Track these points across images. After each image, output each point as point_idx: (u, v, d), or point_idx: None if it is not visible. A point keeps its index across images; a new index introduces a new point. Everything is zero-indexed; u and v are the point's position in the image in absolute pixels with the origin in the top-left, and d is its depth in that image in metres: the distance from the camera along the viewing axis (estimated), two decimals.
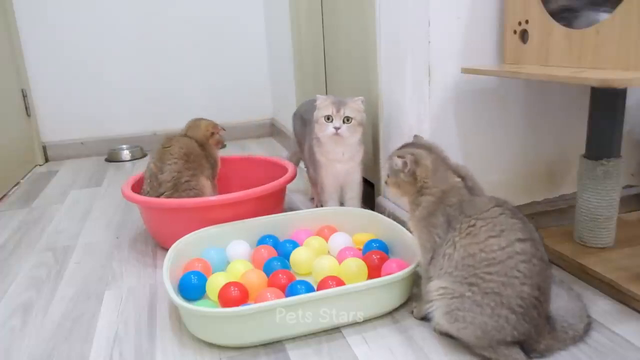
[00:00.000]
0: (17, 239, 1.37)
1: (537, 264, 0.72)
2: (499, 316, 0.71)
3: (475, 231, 0.75)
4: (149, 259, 1.19)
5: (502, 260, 0.72)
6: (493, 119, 1.09)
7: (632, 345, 0.77)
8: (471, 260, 0.74)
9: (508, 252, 0.72)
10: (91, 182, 1.91)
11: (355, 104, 1.17)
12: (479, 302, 0.72)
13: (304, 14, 2.04)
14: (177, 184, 1.22)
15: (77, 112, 2.31)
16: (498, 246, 0.72)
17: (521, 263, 0.71)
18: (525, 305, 0.71)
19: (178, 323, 0.91)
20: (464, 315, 0.74)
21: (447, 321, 0.76)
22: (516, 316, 0.71)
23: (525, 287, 0.71)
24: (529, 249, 0.72)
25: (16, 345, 0.87)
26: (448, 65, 1.03)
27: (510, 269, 0.71)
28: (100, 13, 2.24)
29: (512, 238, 0.72)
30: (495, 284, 0.71)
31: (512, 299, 0.71)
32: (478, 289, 0.72)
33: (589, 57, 0.83)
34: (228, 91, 2.48)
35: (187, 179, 1.23)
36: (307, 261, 1.03)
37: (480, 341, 0.74)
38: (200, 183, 1.26)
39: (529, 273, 0.71)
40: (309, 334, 0.85)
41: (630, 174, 1.22)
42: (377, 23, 1.21)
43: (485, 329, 0.72)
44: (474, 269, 0.73)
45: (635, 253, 0.98)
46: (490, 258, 0.72)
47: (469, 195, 0.80)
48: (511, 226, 0.73)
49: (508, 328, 0.71)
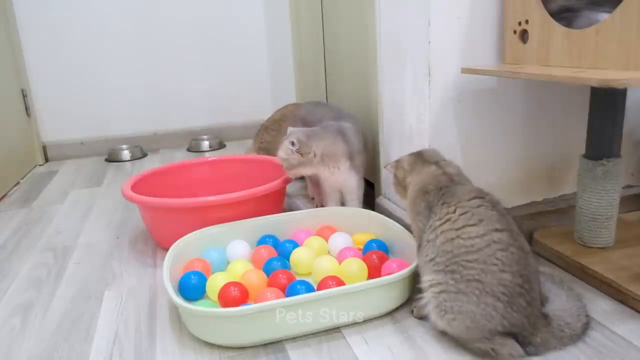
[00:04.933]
0: (17, 239, 1.37)
1: (516, 252, 0.74)
2: (485, 304, 0.73)
3: (454, 217, 0.78)
4: (149, 259, 1.19)
5: (481, 248, 0.74)
6: (493, 119, 1.09)
7: (632, 345, 0.77)
8: (449, 246, 0.76)
9: (486, 241, 0.74)
10: (91, 182, 1.91)
11: (280, 152, 1.21)
12: (463, 290, 0.74)
13: (304, 14, 2.05)
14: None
15: (77, 112, 2.31)
16: (476, 234, 0.75)
17: (499, 251, 0.73)
18: (509, 293, 0.72)
19: (178, 323, 0.91)
20: (452, 306, 0.75)
21: (438, 315, 0.78)
22: (503, 304, 0.72)
23: (505, 274, 0.73)
24: (505, 238, 0.74)
25: (16, 345, 0.87)
26: (448, 65, 1.03)
27: (489, 257, 0.73)
28: (100, 13, 2.24)
29: (489, 228, 0.75)
30: (476, 271, 0.73)
31: (494, 287, 0.72)
32: (460, 276, 0.75)
33: (589, 57, 0.83)
34: (228, 91, 2.48)
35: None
36: (307, 261, 1.03)
37: (472, 332, 0.74)
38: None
39: (507, 261, 0.73)
40: (309, 334, 0.85)
41: (630, 174, 1.22)
42: (377, 23, 1.21)
43: (474, 317, 0.73)
44: (453, 255, 0.76)
45: (635, 253, 0.98)
46: (468, 245, 0.75)
47: (449, 182, 0.84)
48: (489, 217, 0.76)
49: (497, 316, 0.72)
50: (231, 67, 2.45)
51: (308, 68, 2.09)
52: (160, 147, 2.44)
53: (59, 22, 2.20)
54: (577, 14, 0.87)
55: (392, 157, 1.24)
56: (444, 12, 1.00)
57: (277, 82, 2.47)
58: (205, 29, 2.38)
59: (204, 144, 2.37)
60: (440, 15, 1.00)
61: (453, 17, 1.01)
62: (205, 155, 2.29)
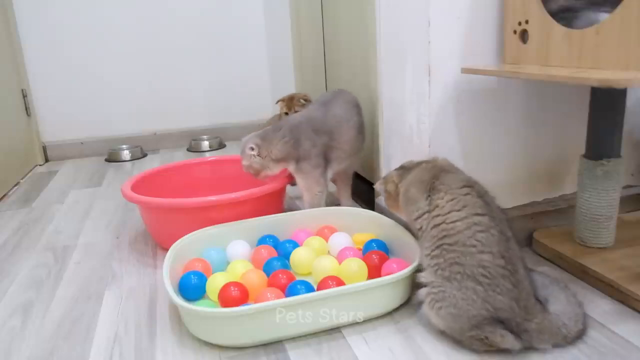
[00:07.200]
0: (17, 239, 1.37)
1: (496, 234, 0.75)
2: (466, 288, 0.73)
3: (442, 203, 0.80)
4: (149, 259, 1.19)
5: (460, 231, 0.76)
6: (493, 119, 1.09)
7: (632, 345, 0.77)
8: (435, 231, 0.79)
9: (466, 223, 0.76)
10: (91, 182, 1.91)
11: (243, 162, 1.23)
12: (447, 277, 0.76)
13: (304, 15, 2.05)
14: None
15: (77, 112, 2.31)
16: (458, 217, 0.77)
17: (478, 233, 0.75)
18: (490, 274, 0.73)
19: (178, 323, 0.91)
20: (438, 292, 0.76)
21: (430, 308, 0.78)
22: (483, 287, 0.73)
23: (484, 255, 0.73)
24: (486, 221, 0.76)
25: (16, 345, 0.87)
26: (448, 65, 1.03)
27: (468, 238, 0.75)
28: (100, 13, 2.24)
29: (471, 212, 0.77)
30: (456, 254, 0.75)
31: (474, 269, 0.73)
32: (444, 260, 0.76)
33: (589, 57, 0.83)
34: (228, 91, 2.48)
35: None
36: (307, 261, 1.03)
37: (458, 320, 0.75)
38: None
39: (487, 242, 0.74)
40: (309, 334, 0.85)
41: (630, 174, 1.22)
42: (377, 23, 1.21)
43: (457, 303, 0.74)
44: (437, 239, 0.78)
45: (635, 253, 0.98)
46: (449, 229, 0.77)
47: (441, 172, 0.85)
48: (473, 204, 0.78)
49: (478, 300, 0.73)
50: (231, 67, 2.45)
51: (308, 68, 2.09)
52: (160, 147, 2.44)
53: (59, 22, 2.20)
54: (577, 14, 0.87)
55: (392, 157, 1.24)
56: (444, 12, 1.00)
57: (277, 83, 2.47)
58: (206, 29, 2.37)
59: (204, 144, 2.37)
60: (440, 15, 1.00)
61: (453, 17, 1.01)
62: (205, 155, 2.29)
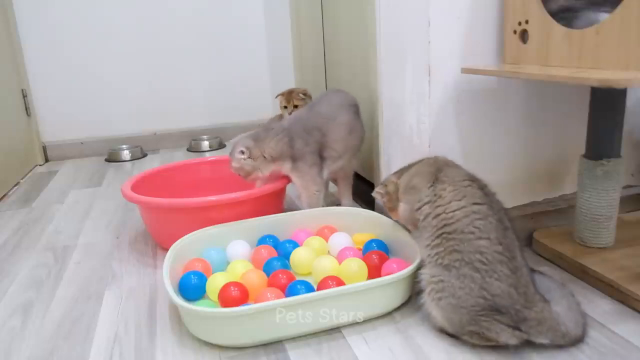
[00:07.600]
0: (17, 239, 1.37)
1: (494, 222, 0.76)
2: (464, 276, 0.74)
3: (444, 194, 0.81)
4: (149, 259, 1.19)
5: (460, 219, 0.77)
6: (493, 119, 1.09)
7: (632, 345, 0.77)
8: (436, 221, 0.80)
9: (465, 212, 0.77)
10: (91, 182, 1.91)
11: (233, 164, 1.23)
12: (446, 265, 0.76)
13: (304, 15, 2.05)
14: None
15: (77, 112, 2.31)
16: (457, 206, 0.78)
17: (477, 220, 0.76)
18: (487, 260, 0.73)
19: (178, 323, 0.91)
20: (438, 283, 0.77)
21: (431, 299, 0.79)
22: (480, 274, 0.73)
23: (482, 241, 0.74)
24: (484, 210, 0.77)
25: (16, 345, 0.87)
26: (448, 65, 1.03)
27: (466, 226, 0.76)
28: (100, 13, 2.24)
29: (470, 201, 0.78)
30: (455, 242, 0.76)
31: (471, 255, 0.74)
32: (443, 249, 0.77)
33: (589, 57, 0.83)
34: (228, 91, 2.47)
35: None
36: (307, 261, 1.03)
37: (457, 312, 0.75)
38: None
39: (485, 229, 0.75)
40: (309, 334, 0.85)
41: (630, 174, 1.22)
42: (377, 23, 1.21)
43: (455, 293, 0.74)
44: (437, 229, 0.79)
45: (635, 253, 0.98)
46: (449, 217, 0.78)
47: (444, 165, 0.87)
48: (473, 194, 0.79)
49: (475, 288, 0.73)
50: (231, 67, 2.45)
51: (308, 68, 2.09)
52: (160, 147, 2.44)
53: (59, 22, 2.20)
54: (577, 14, 0.87)
55: (392, 157, 1.24)
56: (444, 12, 1.00)
57: (277, 83, 2.47)
58: (205, 29, 2.37)
59: (204, 144, 2.37)
60: (440, 15, 1.00)
61: (453, 17, 1.01)
62: (205, 155, 2.29)
